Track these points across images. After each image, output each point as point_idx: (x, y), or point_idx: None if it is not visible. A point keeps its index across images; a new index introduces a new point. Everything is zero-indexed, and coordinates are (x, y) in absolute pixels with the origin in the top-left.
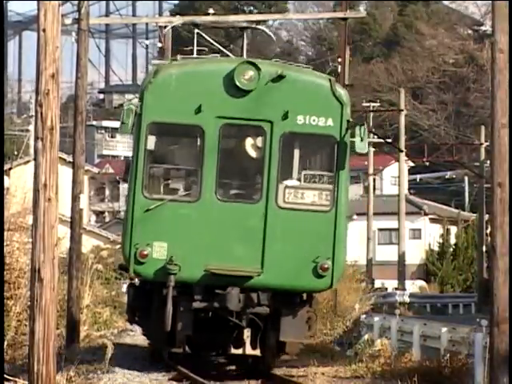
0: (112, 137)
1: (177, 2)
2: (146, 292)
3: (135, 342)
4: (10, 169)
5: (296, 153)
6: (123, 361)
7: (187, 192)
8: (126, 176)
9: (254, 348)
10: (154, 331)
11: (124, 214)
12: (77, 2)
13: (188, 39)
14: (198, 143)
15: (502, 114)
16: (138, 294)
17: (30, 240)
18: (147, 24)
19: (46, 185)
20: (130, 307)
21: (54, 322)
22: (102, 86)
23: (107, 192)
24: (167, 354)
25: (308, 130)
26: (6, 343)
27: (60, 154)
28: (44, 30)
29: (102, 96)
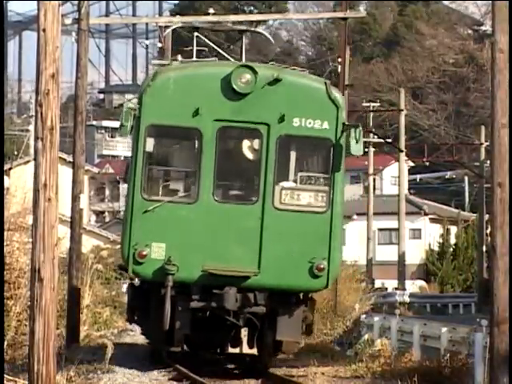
0: (112, 137)
1: (177, 2)
2: (144, 292)
3: (135, 342)
4: (10, 169)
5: (292, 155)
6: (123, 361)
7: (185, 193)
8: (127, 176)
9: (251, 347)
10: (152, 330)
11: (123, 214)
12: (77, 2)
13: (188, 39)
14: (196, 145)
15: (502, 114)
16: (137, 294)
17: (30, 240)
18: (147, 24)
19: (46, 185)
20: (130, 307)
21: (54, 322)
22: (102, 85)
23: (107, 192)
24: (166, 353)
25: (304, 132)
26: (6, 343)
27: (60, 154)
28: (44, 30)
29: (102, 96)
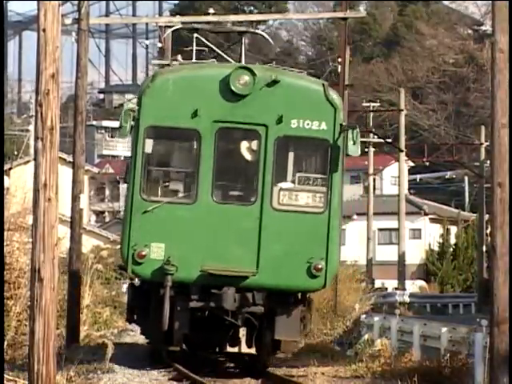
0: (112, 137)
1: (177, 2)
2: (144, 292)
3: (135, 342)
4: (10, 169)
5: (290, 156)
6: (123, 361)
7: (184, 194)
8: (127, 176)
9: (249, 346)
10: (151, 330)
11: (122, 215)
12: (77, 2)
13: (188, 39)
14: (195, 146)
15: (502, 114)
16: (136, 294)
17: (30, 240)
18: (147, 24)
19: (46, 185)
20: (129, 307)
21: (54, 322)
22: (102, 85)
23: (107, 192)
24: (166, 353)
25: (302, 133)
26: (6, 343)
27: (60, 154)
28: (44, 30)
29: (102, 96)
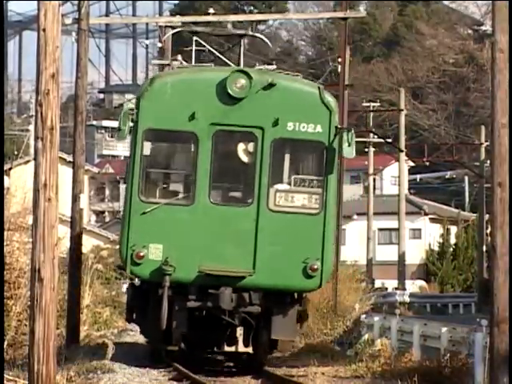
0: (112, 137)
1: (177, 2)
2: (143, 292)
3: (135, 342)
4: (10, 169)
5: (286, 158)
6: (123, 360)
7: (182, 196)
8: (126, 177)
9: (246, 345)
10: (150, 330)
11: (121, 216)
12: (77, 2)
13: (188, 39)
14: (192, 149)
15: (502, 114)
16: (136, 294)
17: (30, 240)
18: (147, 24)
19: (46, 185)
20: (129, 306)
21: (54, 322)
22: (102, 85)
23: (107, 192)
24: (165, 353)
25: (298, 136)
26: (6, 343)
27: (60, 154)
28: (44, 30)
29: (102, 96)
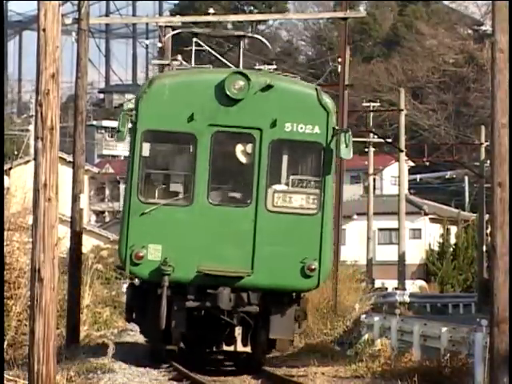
0: (112, 136)
1: (177, 2)
2: (142, 292)
3: (135, 342)
4: (10, 169)
5: (284, 159)
6: (123, 360)
7: (181, 196)
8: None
9: (244, 345)
10: (149, 329)
11: (121, 216)
12: (77, 2)
13: (188, 39)
14: (191, 150)
15: (502, 114)
16: (135, 294)
17: (30, 240)
18: (147, 24)
19: (46, 185)
20: (128, 306)
21: (54, 322)
22: (102, 85)
23: (107, 192)
24: (165, 352)
25: (295, 137)
26: (6, 343)
27: (60, 154)
28: (44, 30)
29: (102, 96)
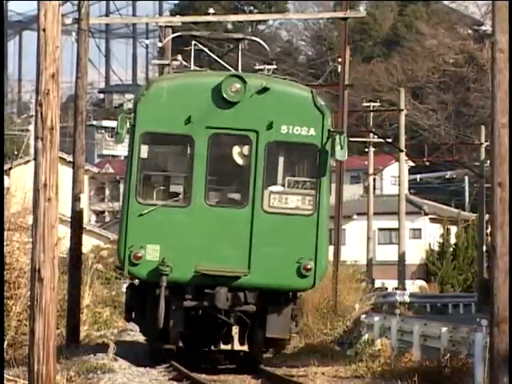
0: (112, 137)
1: (177, 2)
2: (141, 292)
3: (135, 342)
4: (10, 169)
5: (280, 160)
6: (123, 360)
7: (179, 198)
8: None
9: (241, 344)
10: (148, 328)
11: (119, 217)
12: (77, 2)
13: (188, 39)
14: (189, 152)
15: (502, 114)
16: (134, 294)
17: (30, 240)
18: (147, 24)
19: (46, 185)
20: (127, 306)
21: (54, 322)
22: (102, 85)
23: (107, 192)
24: (163, 351)
25: (291, 139)
26: (6, 343)
27: (60, 154)
28: (44, 30)
29: (102, 96)
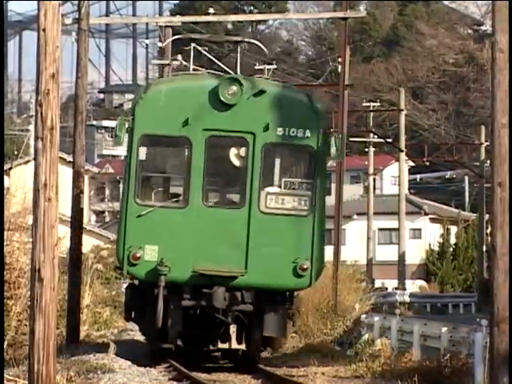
0: (112, 137)
1: (177, 2)
2: (140, 292)
3: (135, 342)
4: (10, 169)
5: (277, 162)
6: (123, 361)
7: (176, 199)
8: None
9: (239, 343)
10: (147, 328)
11: (118, 218)
12: (77, 2)
13: (188, 39)
14: (186, 153)
15: (502, 114)
16: (133, 294)
17: (30, 240)
18: (147, 24)
19: (46, 185)
20: (127, 306)
21: (54, 322)
22: (102, 85)
23: (107, 192)
24: (163, 350)
25: (288, 140)
26: (6, 343)
27: (60, 154)
28: (44, 30)
29: (102, 96)
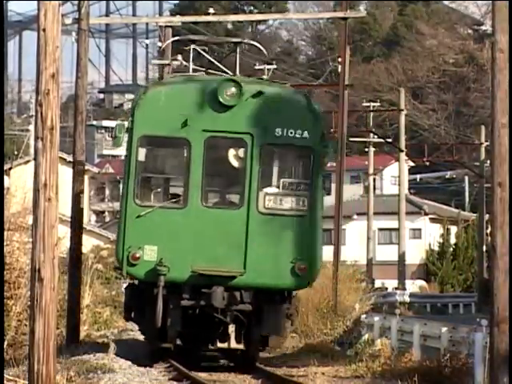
0: (112, 137)
1: (177, 2)
2: (140, 291)
3: (135, 342)
4: (10, 169)
5: (275, 162)
6: (123, 361)
7: (175, 199)
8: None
9: (238, 342)
10: (146, 327)
11: (118, 219)
12: (77, 2)
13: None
14: (185, 154)
15: (502, 114)
16: (133, 294)
17: (30, 240)
18: (147, 24)
19: (46, 185)
20: (126, 305)
21: (54, 322)
22: (102, 85)
23: (107, 192)
24: (162, 350)
25: (286, 141)
26: (6, 343)
27: (60, 154)
28: (44, 30)
29: (102, 96)
